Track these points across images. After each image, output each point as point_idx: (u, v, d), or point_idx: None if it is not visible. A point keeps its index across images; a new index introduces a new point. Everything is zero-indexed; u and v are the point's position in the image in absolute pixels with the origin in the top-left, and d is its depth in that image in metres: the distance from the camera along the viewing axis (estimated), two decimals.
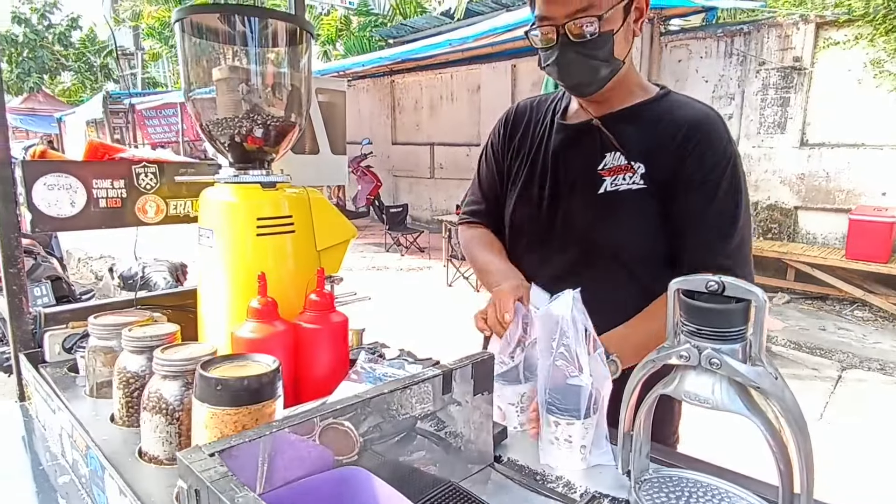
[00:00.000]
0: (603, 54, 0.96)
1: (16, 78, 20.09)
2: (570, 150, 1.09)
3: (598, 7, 0.93)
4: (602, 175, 1.04)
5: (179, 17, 0.93)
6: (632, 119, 1.04)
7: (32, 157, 1.07)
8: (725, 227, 0.98)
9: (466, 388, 0.83)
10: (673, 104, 1.04)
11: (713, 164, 0.98)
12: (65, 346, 1.11)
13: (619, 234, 1.04)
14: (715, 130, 0.99)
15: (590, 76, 0.99)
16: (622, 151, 1.02)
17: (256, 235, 0.97)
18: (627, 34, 0.99)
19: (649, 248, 1.03)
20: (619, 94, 1.05)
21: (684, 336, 0.69)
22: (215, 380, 0.64)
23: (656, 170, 1.00)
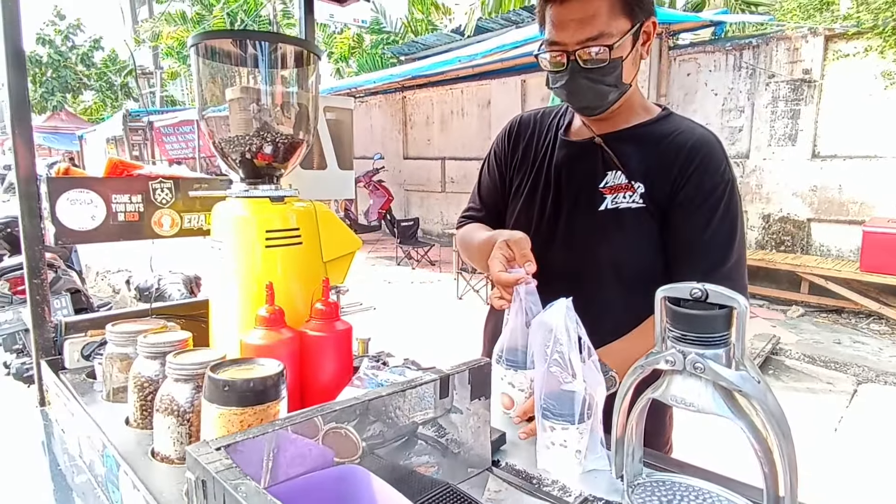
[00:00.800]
0: (612, 80, 0.98)
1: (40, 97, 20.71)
2: (573, 166, 1.11)
3: (609, 36, 0.94)
4: (603, 192, 1.06)
5: (195, 42, 0.99)
6: (633, 139, 1.06)
7: (57, 175, 1.13)
8: (723, 249, 1.00)
9: (464, 394, 0.86)
10: (674, 126, 1.06)
11: (711, 188, 1.00)
12: (83, 354, 1.16)
13: (619, 251, 1.06)
14: (714, 154, 1.01)
15: (598, 100, 1.01)
16: (623, 170, 1.04)
17: (265, 247, 1.01)
18: (636, 59, 1.01)
19: (647, 265, 1.05)
20: (623, 113, 1.07)
21: (671, 342, 0.72)
22: (223, 381, 0.68)
23: (655, 190, 1.03)
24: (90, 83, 22.53)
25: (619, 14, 0.95)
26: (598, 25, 0.93)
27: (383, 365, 1.17)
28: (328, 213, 1.15)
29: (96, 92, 23.16)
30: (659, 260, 1.05)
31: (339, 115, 1.37)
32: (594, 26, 0.93)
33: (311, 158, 1.33)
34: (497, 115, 8.28)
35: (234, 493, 0.47)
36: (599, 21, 0.93)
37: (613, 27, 0.94)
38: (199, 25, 15.27)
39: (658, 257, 1.05)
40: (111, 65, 22.54)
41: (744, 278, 1.03)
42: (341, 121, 1.38)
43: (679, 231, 1.02)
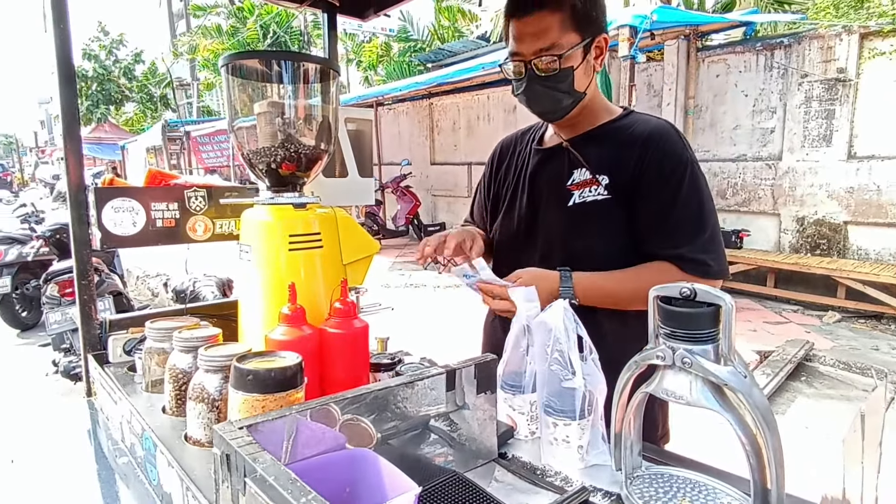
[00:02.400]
0: (564, 87, 1.10)
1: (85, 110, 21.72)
2: (544, 170, 1.22)
3: (560, 47, 1.06)
4: (570, 189, 1.16)
5: (226, 63, 1.08)
6: (596, 139, 1.17)
7: (102, 185, 1.24)
8: (694, 224, 1.08)
9: (471, 388, 0.92)
10: (632, 122, 1.16)
11: (671, 169, 1.09)
12: (125, 349, 1.26)
13: (590, 241, 1.15)
14: (669, 139, 1.10)
15: (553, 105, 1.13)
16: (587, 167, 1.14)
17: (289, 250, 1.09)
18: (587, 70, 1.12)
19: (616, 251, 1.14)
20: (586, 118, 1.18)
21: (662, 339, 0.76)
22: (247, 370, 0.75)
23: (619, 180, 1.11)
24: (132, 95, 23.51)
25: (570, 29, 1.07)
26: (551, 38, 1.06)
27: (398, 362, 1.23)
28: (347, 218, 1.23)
29: (137, 103, 24.14)
30: (625, 244, 1.14)
31: (359, 126, 1.45)
32: (547, 38, 1.06)
33: (332, 167, 1.41)
34: (522, 119, 8.27)
35: (253, 464, 0.53)
36: (552, 34, 1.06)
37: (564, 40, 1.06)
38: (234, 38, 15.78)
39: (624, 242, 1.13)
40: (151, 77, 23.48)
41: (721, 251, 1.10)
42: (362, 131, 1.46)
43: (647, 212, 1.10)
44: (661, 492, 0.83)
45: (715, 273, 1.09)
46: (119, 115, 24.74)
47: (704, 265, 1.08)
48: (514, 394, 1.03)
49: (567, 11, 1.06)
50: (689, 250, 1.07)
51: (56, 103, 1.24)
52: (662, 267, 1.10)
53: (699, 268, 1.08)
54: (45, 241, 4.44)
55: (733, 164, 6.03)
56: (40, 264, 4.70)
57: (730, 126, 6.02)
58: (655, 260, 1.11)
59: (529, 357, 1.01)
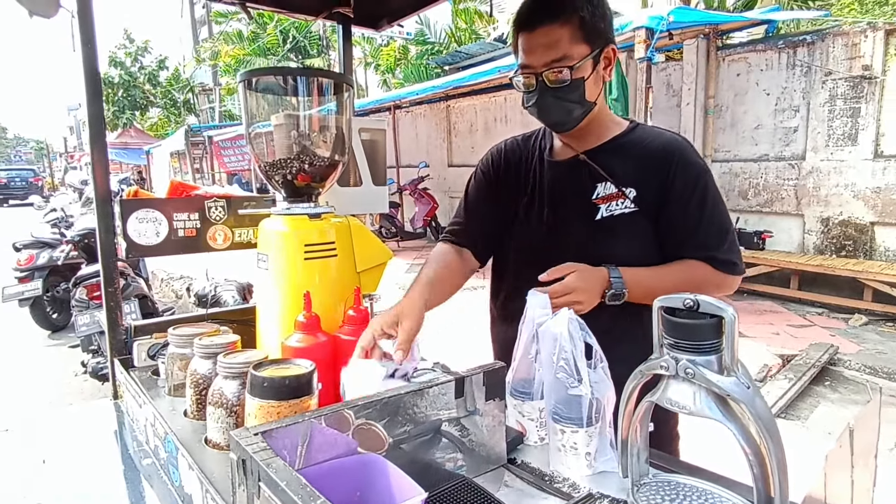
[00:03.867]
0: (575, 97, 1.11)
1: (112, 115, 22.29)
2: (564, 184, 1.22)
3: (571, 58, 1.08)
4: (597, 203, 1.17)
5: (244, 79, 1.12)
6: (613, 152, 1.18)
7: (128, 196, 1.29)
8: (722, 228, 1.15)
9: (480, 395, 0.94)
10: (644, 134, 1.19)
11: (696, 177, 1.13)
12: (149, 354, 1.32)
13: (619, 254, 1.16)
14: (689, 150, 1.16)
15: (565, 116, 1.14)
16: (611, 180, 1.16)
17: (304, 259, 1.13)
18: (597, 80, 1.14)
19: (643, 261, 1.16)
20: (596, 129, 1.20)
21: (666, 349, 0.77)
22: (263, 378, 0.78)
23: (646, 192, 1.14)
24: (156, 101, 24.05)
25: (580, 40, 1.08)
26: (561, 49, 1.08)
27: None
28: (361, 227, 1.26)
29: (161, 109, 24.68)
30: (653, 256, 1.16)
31: (373, 135, 1.48)
32: (557, 50, 1.08)
33: (347, 176, 1.45)
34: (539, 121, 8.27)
35: (267, 469, 0.56)
36: (562, 46, 1.08)
37: (574, 51, 1.08)
38: (255, 43, 16.04)
39: (652, 254, 1.17)
40: (175, 83, 23.99)
41: (739, 250, 1.18)
42: (375, 140, 1.49)
43: (679, 221, 1.14)
44: (668, 499, 0.84)
45: (740, 270, 1.17)
46: (144, 121, 25.33)
47: (733, 264, 1.15)
48: (524, 400, 1.05)
49: (576, 23, 1.08)
50: (720, 252, 1.14)
51: (84, 110, 1.30)
52: (698, 265, 1.15)
53: (730, 267, 1.14)
54: (75, 245, 4.59)
55: (755, 164, 5.93)
56: (70, 267, 4.85)
57: (751, 125, 5.93)
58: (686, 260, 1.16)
59: (538, 364, 1.02)
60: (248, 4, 1.52)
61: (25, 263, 4.82)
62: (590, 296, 1.09)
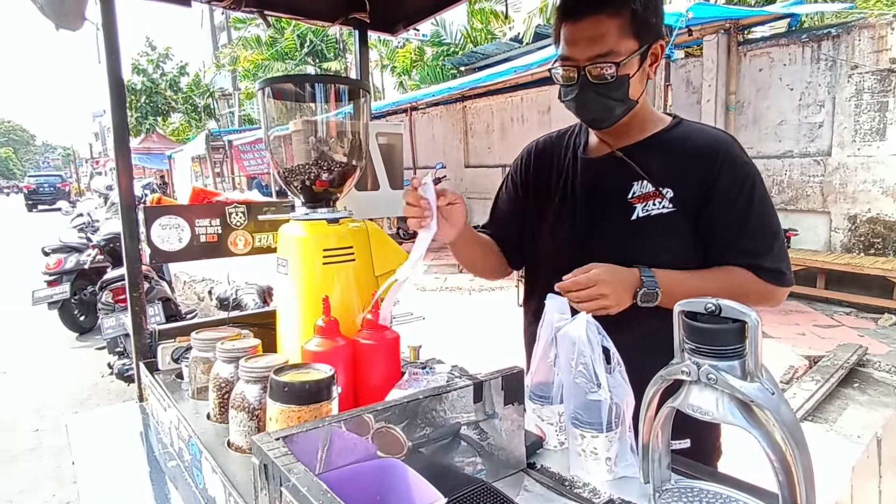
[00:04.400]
0: (619, 95, 1.05)
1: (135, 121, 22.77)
2: (598, 181, 1.16)
3: (618, 54, 1.01)
4: (633, 202, 1.11)
5: (263, 86, 1.14)
6: (652, 148, 1.12)
7: (151, 203, 1.32)
8: (771, 231, 1.08)
9: (499, 399, 0.94)
10: (688, 130, 1.12)
11: (743, 178, 1.06)
12: (173, 357, 1.34)
13: (655, 256, 1.10)
14: (734, 149, 1.08)
15: (605, 113, 1.08)
16: (648, 179, 1.10)
17: (323, 264, 1.14)
18: (642, 77, 1.07)
19: (681, 264, 1.09)
20: (636, 126, 1.13)
21: (687, 353, 0.76)
22: (283, 383, 0.79)
23: (686, 192, 1.07)
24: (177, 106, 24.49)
25: (628, 35, 1.01)
26: (608, 44, 1.01)
27: (429, 370, 1.26)
28: (379, 231, 1.27)
29: (182, 114, 25.14)
30: (692, 259, 1.10)
31: (389, 140, 1.49)
32: (604, 44, 1.01)
33: (364, 180, 1.46)
34: (557, 120, 8.24)
35: (288, 474, 0.57)
36: (609, 40, 1.00)
37: (622, 46, 1.01)
38: (273, 48, 16.24)
39: (691, 257, 1.10)
40: (195, 88, 24.41)
41: (789, 258, 1.11)
42: (392, 144, 1.50)
43: (722, 223, 1.07)
44: None
45: (789, 281, 1.09)
46: (166, 126, 25.82)
47: (781, 274, 1.07)
48: (543, 404, 1.04)
49: (627, 16, 1.01)
50: (767, 260, 1.06)
51: (108, 116, 1.33)
52: (742, 273, 1.07)
53: (777, 276, 1.07)
54: (100, 249, 4.70)
55: (778, 161, 5.82)
56: (96, 271, 4.98)
57: (774, 121, 5.81)
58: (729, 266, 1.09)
59: (556, 368, 1.02)
60: (266, 13, 1.54)
61: (54, 267, 4.96)
62: (615, 291, 1.02)
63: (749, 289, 1.07)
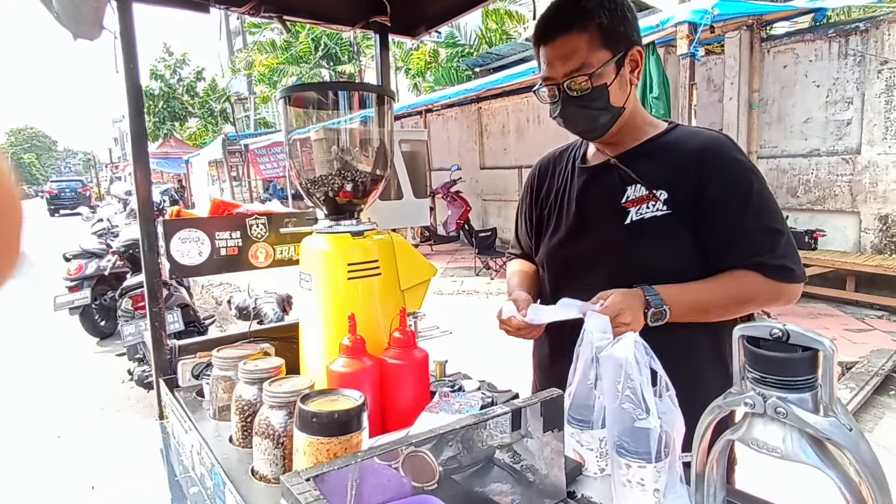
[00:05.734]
0: (599, 104, 1.08)
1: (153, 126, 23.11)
2: (592, 188, 1.19)
3: (590, 66, 1.05)
4: (626, 207, 1.12)
5: (284, 95, 1.10)
6: (645, 153, 1.13)
7: (171, 217, 1.29)
8: (772, 233, 1.05)
9: (537, 425, 0.88)
10: (681, 135, 1.13)
11: (737, 177, 1.05)
12: (193, 374, 1.31)
13: (650, 259, 1.10)
14: (726, 148, 1.07)
15: (591, 124, 1.11)
16: (642, 183, 1.10)
17: (347, 279, 1.09)
18: (623, 84, 1.09)
19: (678, 269, 1.09)
20: (629, 133, 1.15)
21: (750, 383, 0.69)
22: (312, 413, 0.74)
23: (679, 194, 1.07)
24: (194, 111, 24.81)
25: (599, 47, 1.05)
26: (579, 58, 1.05)
27: (459, 390, 1.21)
28: (404, 243, 1.22)
29: (199, 118, 25.46)
30: (688, 262, 1.09)
31: (413, 147, 1.44)
32: (576, 59, 1.05)
33: (388, 190, 1.41)
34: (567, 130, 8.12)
35: None
36: (580, 54, 1.05)
37: (593, 58, 1.05)
38: (287, 52, 16.34)
39: (687, 260, 1.09)
40: (212, 93, 24.70)
41: (797, 254, 1.07)
42: (416, 152, 1.45)
43: (719, 225, 1.05)
44: None
45: (799, 277, 1.06)
46: (183, 131, 26.16)
47: (788, 270, 1.04)
48: (583, 429, 0.98)
49: (594, 30, 1.05)
50: (771, 257, 1.04)
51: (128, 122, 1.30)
52: (747, 275, 1.05)
53: (783, 273, 1.04)
54: (120, 255, 4.73)
55: (804, 160, 5.66)
56: (116, 276, 5.01)
57: (800, 119, 5.65)
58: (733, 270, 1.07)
59: (598, 391, 0.96)
60: (285, 18, 1.50)
61: (75, 273, 5.00)
62: (636, 317, 1.02)
63: (756, 290, 1.06)
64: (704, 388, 1.03)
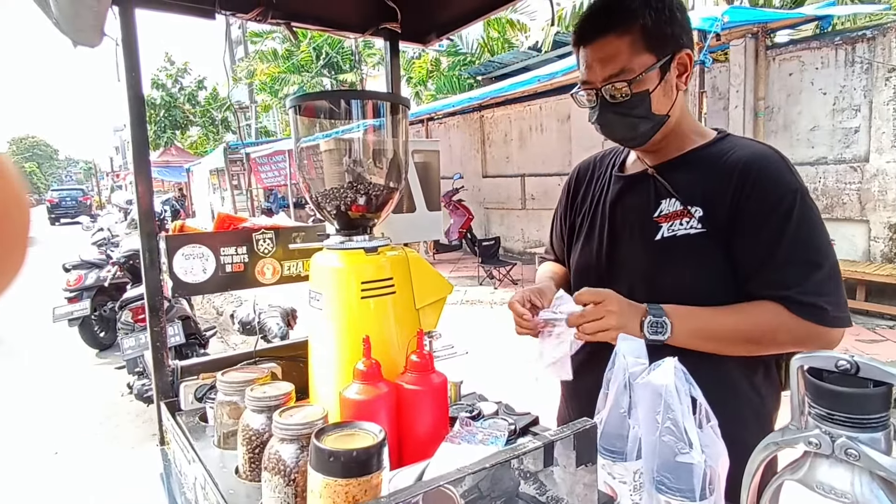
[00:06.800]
0: (639, 112, 1.00)
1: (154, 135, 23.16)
2: (626, 199, 1.12)
3: (631, 71, 0.98)
4: (658, 222, 1.05)
5: (294, 104, 1.04)
6: (686, 165, 1.05)
7: (174, 231, 1.23)
8: (805, 260, 0.94)
9: (569, 460, 0.81)
10: (728, 146, 1.03)
11: (778, 197, 0.94)
12: (196, 396, 1.24)
13: (680, 279, 1.02)
14: (772, 166, 0.97)
15: (630, 132, 1.04)
16: (677, 197, 1.03)
17: (361, 298, 1.03)
18: (668, 90, 1.01)
19: (710, 291, 1.00)
20: (673, 142, 1.07)
21: (812, 419, 0.63)
22: (328, 451, 0.68)
23: (715, 212, 0.99)
24: (195, 120, 24.87)
25: (642, 50, 0.98)
26: (620, 63, 0.98)
27: (477, 416, 1.14)
28: (419, 259, 1.15)
29: (200, 127, 25.52)
30: (722, 284, 1.00)
31: (426, 157, 1.38)
32: (615, 64, 0.98)
33: (400, 202, 1.35)
34: (577, 129, 8.10)
35: None
36: (621, 58, 0.98)
37: (635, 63, 0.98)
38: (289, 61, 16.38)
39: (721, 281, 1.00)
40: (213, 102, 24.77)
41: (840, 294, 0.95)
42: (429, 162, 1.39)
43: (751, 248, 0.96)
44: None
45: (831, 320, 0.92)
46: (184, 139, 26.20)
47: (818, 309, 0.92)
48: (615, 460, 0.91)
49: (637, 32, 0.97)
50: (799, 291, 0.92)
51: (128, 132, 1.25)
52: (770, 307, 0.95)
53: (812, 312, 0.92)
54: (120, 266, 4.67)
55: (812, 168, 5.61)
56: (116, 287, 4.95)
57: (806, 127, 5.61)
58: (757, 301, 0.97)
59: (633, 420, 0.89)
60: (293, 24, 1.45)
61: (74, 284, 4.94)
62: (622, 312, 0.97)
63: (775, 327, 0.94)
64: (737, 423, 0.96)
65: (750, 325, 0.96)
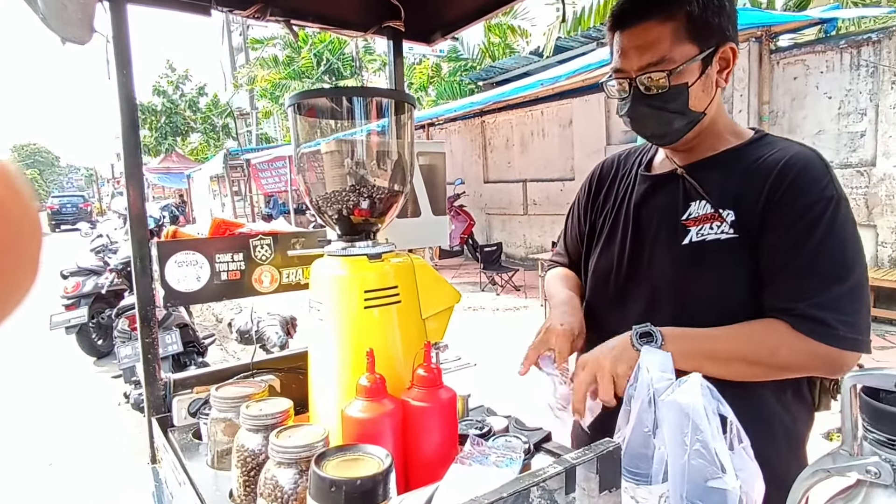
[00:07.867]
0: (675, 107, 0.93)
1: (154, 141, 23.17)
2: (652, 200, 1.04)
3: (671, 61, 0.90)
4: (686, 225, 0.97)
5: (293, 102, 0.98)
6: (719, 166, 0.98)
7: (166, 238, 1.16)
8: (826, 272, 0.85)
9: (591, 486, 0.75)
10: (766, 147, 0.96)
11: (808, 206, 0.86)
12: (190, 411, 1.17)
13: (708, 287, 0.95)
14: (810, 170, 0.89)
15: (663, 128, 0.96)
16: (708, 199, 0.95)
17: (364, 308, 0.96)
18: (707, 86, 0.94)
19: (741, 300, 0.92)
20: (707, 142, 1.00)
21: (872, 445, 0.56)
22: (329, 480, 0.62)
23: (747, 216, 0.92)
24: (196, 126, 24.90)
25: (684, 40, 0.90)
26: (660, 51, 0.91)
27: (488, 434, 1.08)
28: (425, 266, 1.09)
29: (201, 134, 25.55)
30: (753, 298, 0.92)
31: (431, 160, 1.32)
32: (655, 52, 0.91)
33: (405, 207, 1.29)
34: (580, 133, 8.06)
35: None
36: (661, 47, 0.91)
37: (676, 53, 0.90)
38: (290, 67, 16.39)
39: (753, 290, 0.92)
40: (213, 108, 24.81)
41: (861, 315, 0.85)
42: (434, 165, 1.33)
43: (768, 257, 0.89)
44: None
45: (839, 340, 0.82)
46: (185, 146, 26.22)
47: (823, 326, 0.83)
48: (639, 483, 0.85)
49: (682, 19, 0.90)
50: (811, 304, 0.84)
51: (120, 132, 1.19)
52: (770, 324, 0.87)
53: (813, 329, 0.83)
54: (118, 273, 4.61)
55: None
56: (114, 294, 4.89)
57: (811, 132, 5.56)
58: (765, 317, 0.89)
59: (658, 441, 0.83)
60: (293, 22, 1.40)
61: (72, 291, 4.88)
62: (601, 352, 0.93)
63: (777, 345, 0.85)
64: (769, 444, 0.89)
65: (747, 345, 0.88)
